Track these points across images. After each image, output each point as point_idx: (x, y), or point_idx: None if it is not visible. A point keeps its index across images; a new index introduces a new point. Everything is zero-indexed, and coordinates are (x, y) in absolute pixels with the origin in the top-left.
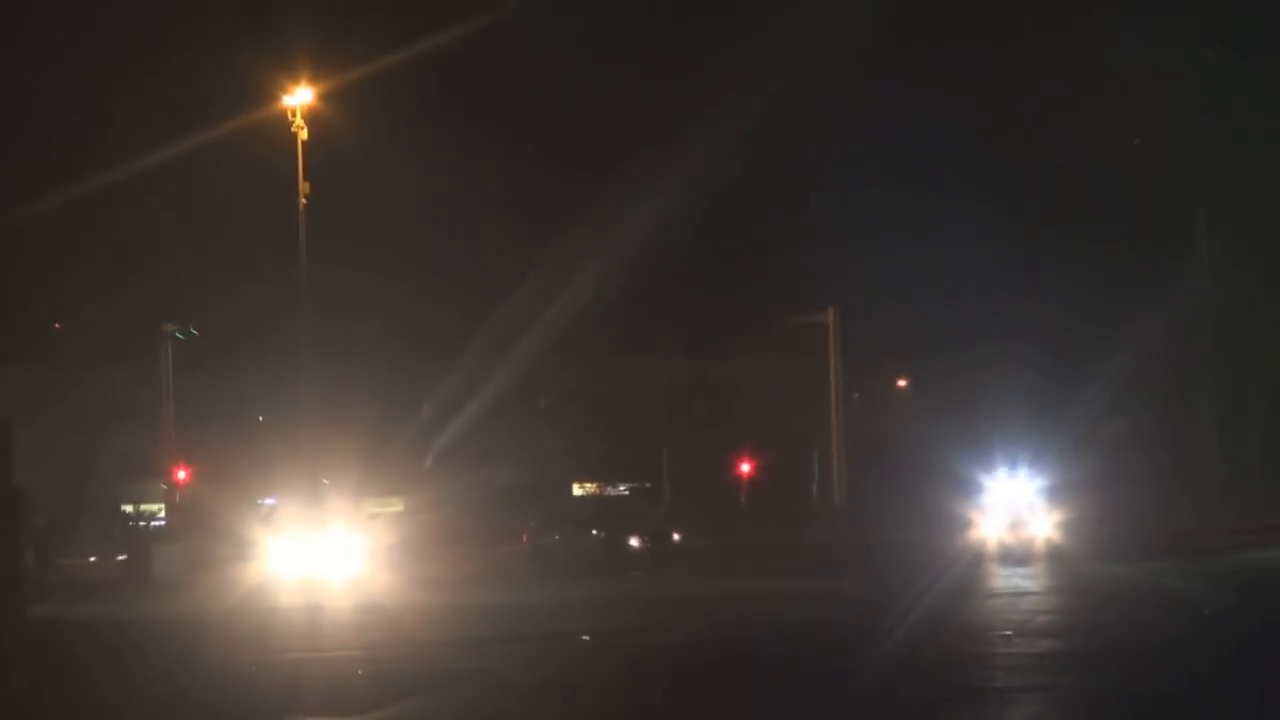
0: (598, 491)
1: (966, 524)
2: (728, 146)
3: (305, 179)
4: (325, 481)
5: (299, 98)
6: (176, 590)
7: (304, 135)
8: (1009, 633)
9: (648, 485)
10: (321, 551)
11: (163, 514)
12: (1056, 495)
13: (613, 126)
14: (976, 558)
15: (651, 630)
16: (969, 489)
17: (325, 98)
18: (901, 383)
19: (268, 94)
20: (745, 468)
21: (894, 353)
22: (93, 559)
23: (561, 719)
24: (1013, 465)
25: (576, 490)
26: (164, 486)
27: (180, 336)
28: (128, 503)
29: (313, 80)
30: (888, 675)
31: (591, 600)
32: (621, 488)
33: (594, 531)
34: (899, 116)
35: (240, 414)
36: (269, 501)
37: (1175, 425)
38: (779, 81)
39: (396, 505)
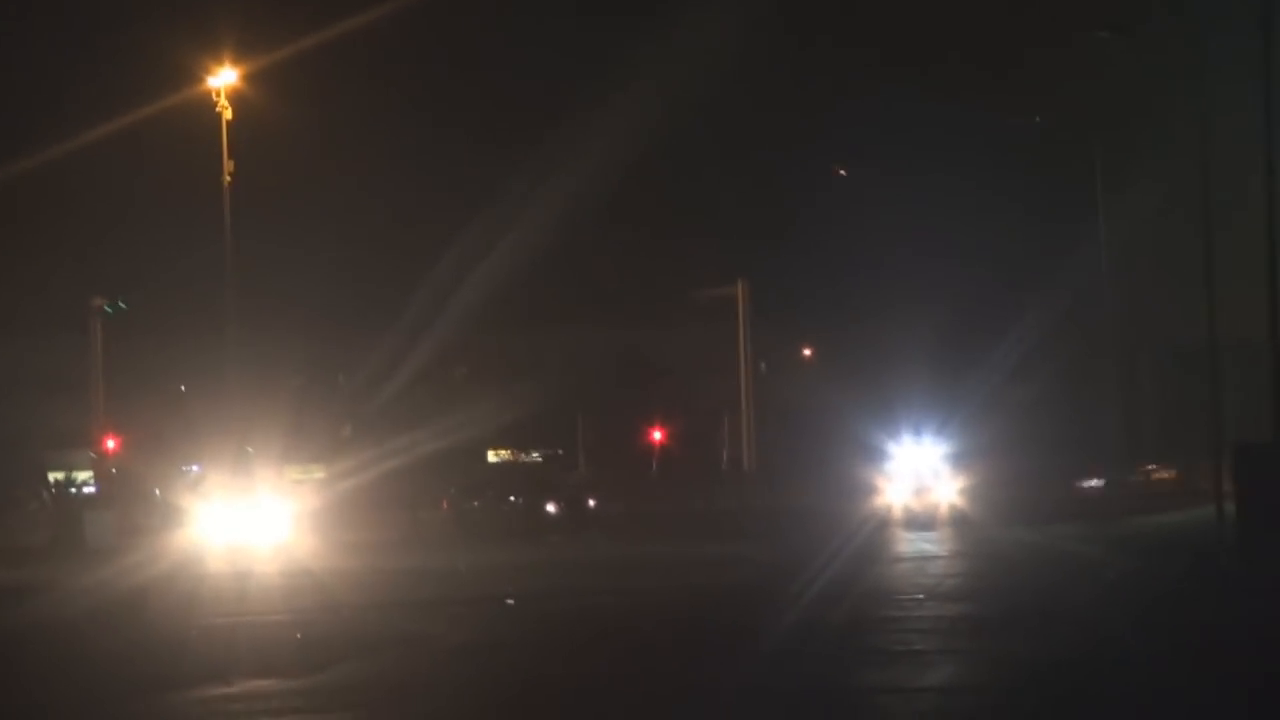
0: (512, 458)
1: (872, 490)
2: (642, 121)
3: (230, 157)
4: (250, 450)
5: (223, 78)
6: (108, 557)
7: (228, 115)
8: (920, 596)
9: (561, 452)
10: (248, 518)
11: (93, 482)
12: (961, 461)
13: (532, 104)
14: (882, 523)
15: (573, 593)
16: (875, 456)
17: (252, 77)
18: (807, 352)
19: (196, 72)
20: (657, 435)
21: (802, 322)
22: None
23: (491, 678)
24: (918, 432)
25: (491, 457)
26: (93, 455)
27: (110, 310)
28: (59, 471)
29: (238, 60)
30: (803, 637)
31: (512, 565)
32: (535, 454)
33: (512, 498)
34: (807, 89)
35: (169, 384)
36: (194, 469)
37: (1076, 392)
38: (691, 58)
39: (319, 472)
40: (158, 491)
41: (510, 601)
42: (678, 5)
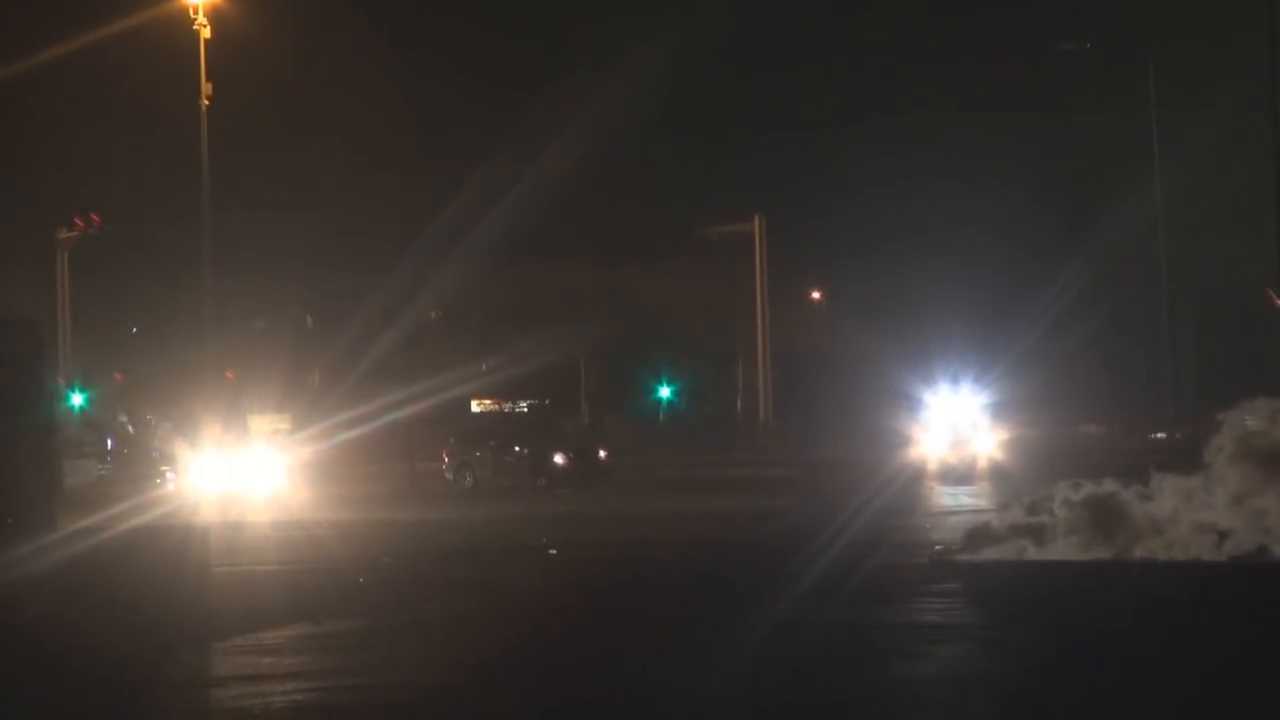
0: (494, 407)
1: (905, 441)
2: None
3: (208, 79)
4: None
5: None
6: (87, 505)
7: (206, 34)
8: None
9: (547, 402)
10: (240, 468)
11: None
12: (1002, 412)
13: (540, 39)
14: (917, 475)
15: (609, 545)
16: (909, 405)
17: None
18: (815, 295)
19: None
20: (663, 382)
21: (817, 261)
22: None
23: (589, 613)
24: (955, 380)
25: (474, 407)
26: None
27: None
28: None
29: None
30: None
31: (530, 517)
32: (522, 405)
33: (517, 448)
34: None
35: (122, 325)
36: (149, 419)
37: (1122, 342)
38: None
39: (284, 423)
40: (139, 441)
41: (553, 551)
42: None
